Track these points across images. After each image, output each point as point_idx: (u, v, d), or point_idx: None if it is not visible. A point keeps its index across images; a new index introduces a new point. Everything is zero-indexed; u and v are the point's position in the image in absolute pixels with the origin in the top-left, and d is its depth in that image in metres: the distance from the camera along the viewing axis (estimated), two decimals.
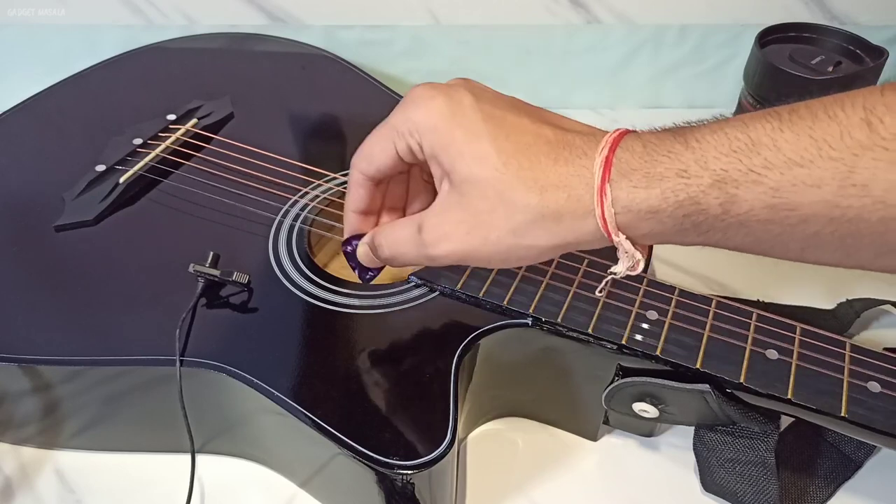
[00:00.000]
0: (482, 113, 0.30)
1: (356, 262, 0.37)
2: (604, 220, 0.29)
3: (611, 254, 0.41)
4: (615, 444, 0.44)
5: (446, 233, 0.31)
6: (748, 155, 0.26)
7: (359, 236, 0.36)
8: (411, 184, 0.37)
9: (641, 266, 0.30)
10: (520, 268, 0.41)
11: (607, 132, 0.30)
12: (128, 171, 0.49)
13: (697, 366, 0.36)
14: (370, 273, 0.37)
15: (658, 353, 0.37)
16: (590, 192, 0.28)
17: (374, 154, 0.33)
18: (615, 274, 0.31)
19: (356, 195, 0.35)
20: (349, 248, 0.36)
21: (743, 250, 0.29)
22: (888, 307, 0.48)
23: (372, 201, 0.36)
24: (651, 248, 0.44)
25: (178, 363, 0.37)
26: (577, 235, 0.30)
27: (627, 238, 0.29)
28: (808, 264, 0.29)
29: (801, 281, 0.52)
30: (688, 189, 0.27)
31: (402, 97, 0.56)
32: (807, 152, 0.25)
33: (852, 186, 0.25)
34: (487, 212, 0.30)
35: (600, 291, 0.37)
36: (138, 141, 0.51)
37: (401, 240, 0.33)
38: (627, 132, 0.30)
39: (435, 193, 0.32)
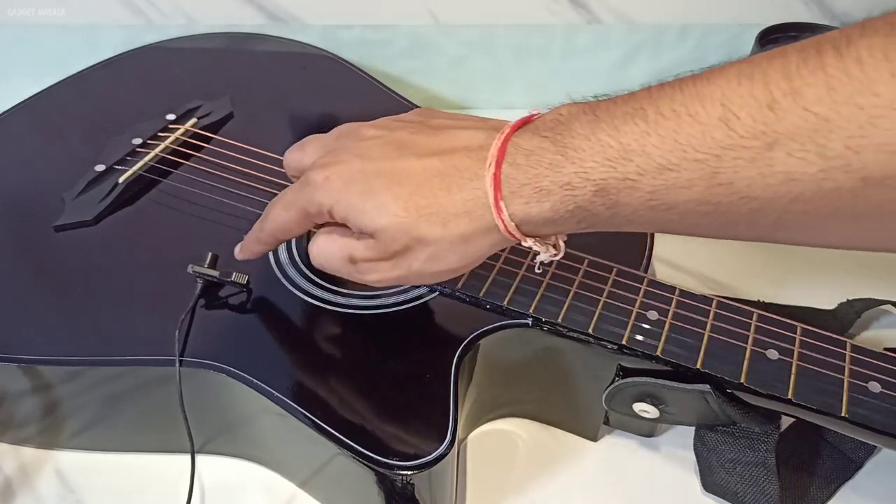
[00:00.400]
0: (370, 172, 0.33)
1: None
2: (508, 231, 0.31)
3: (611, 252, 0.42)
4: (615, 444, 0.44)
5: (374, 266, 0.34)
6: (622, 163, 0.28)
7: None
8: None
9: (562, 251, 0.33)
10: (519, 268, 0.41)
11: (494, 137, 0.31)
12: (127, 170, 0.49)
13: (698, 366, 0.36)
14: None
15: (658, 353, 0.37)
16: (488, 210, 0.31)
17: (292, 229, 0.36)
18: (543, 262, 0.33)
19: (259, 250, 0.39)
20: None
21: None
22: (888, 307, 0.48)
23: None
24: (651, 247, 0.44)
25: (177, 363, 0.37)
26: (489, 246, 0.32)
27: (536, 240, 0.32)
28: (807, 267, 0.29)
29: (802, 281, 0.52)
30: (575, 200, 0.29)
31: (402, 97, 0.57)
32: (673, 156, 0.26)
33: (719, 185, 0.26)
34: (403, 250, 0.32)
35: (538, 270, 0.39)
36: (138, 141, 0.51)
37: (334, 259, 0.35)
38: (510, 138, 0.31)
39: None
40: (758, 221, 0.27)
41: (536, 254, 0.33)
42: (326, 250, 0.35)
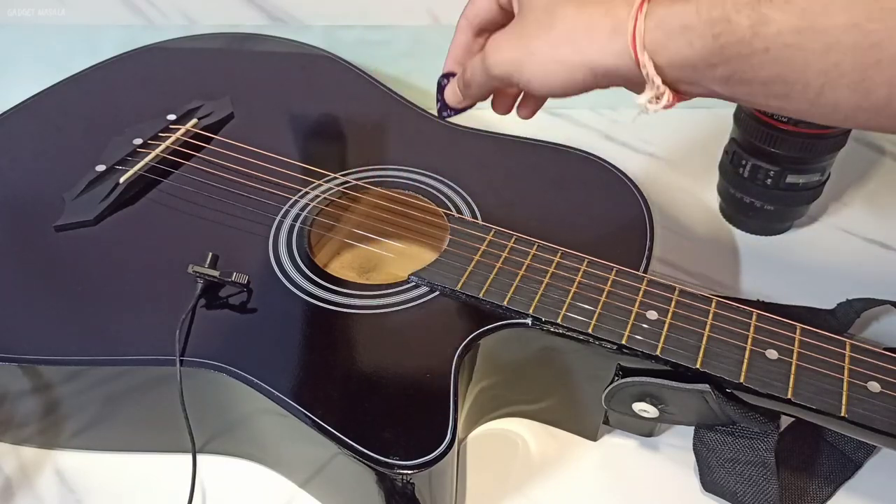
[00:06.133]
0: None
1: (441, 97, 0.44)
2: (633, 37, 0.31)
3: (611, 252, 0.42)
4: (615, 444, 0.44)
5: (499, 46, 0.37)
6: None
7: (452, 74, 0.42)
8: None
9: (665, 101, 0.32)
10: (519, 268, 0.41)
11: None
12: (128, 171, 0.49)
13: (697, 366, 0.36)
14: (448, 112, 0.44)
15: (658, 353, 0.37)
16: (628, 8, 0.31)
17: (477, 2, 0.40)
18: (640, 105, 0.33)
19: (458, 39, 0.42)
20: (444, 81, 0.43)
21: (760, 94, 0.30)
22: (888, 307, 0.48)
23: (467, 50, 0.42)
24: (651, 247, 0.44)
25: (178, 363, 0.38)
26: (603, 55, 0.32)
27: (652, 61, 0.31)
28: (807, 267, 0.29)
29: (802, 281, 0.52)
30: (723, 6, 0.29)
31: (402, 97, 0.57)
32: None
33: (880, 10, 0.26)
34: (534, 24, 0.35)
35: (642, 110, 0.35)
36: (138, 141, 0.51)
37: (470, 63, 0.39)
38: None
39: None
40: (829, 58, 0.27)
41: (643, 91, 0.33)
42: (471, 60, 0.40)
